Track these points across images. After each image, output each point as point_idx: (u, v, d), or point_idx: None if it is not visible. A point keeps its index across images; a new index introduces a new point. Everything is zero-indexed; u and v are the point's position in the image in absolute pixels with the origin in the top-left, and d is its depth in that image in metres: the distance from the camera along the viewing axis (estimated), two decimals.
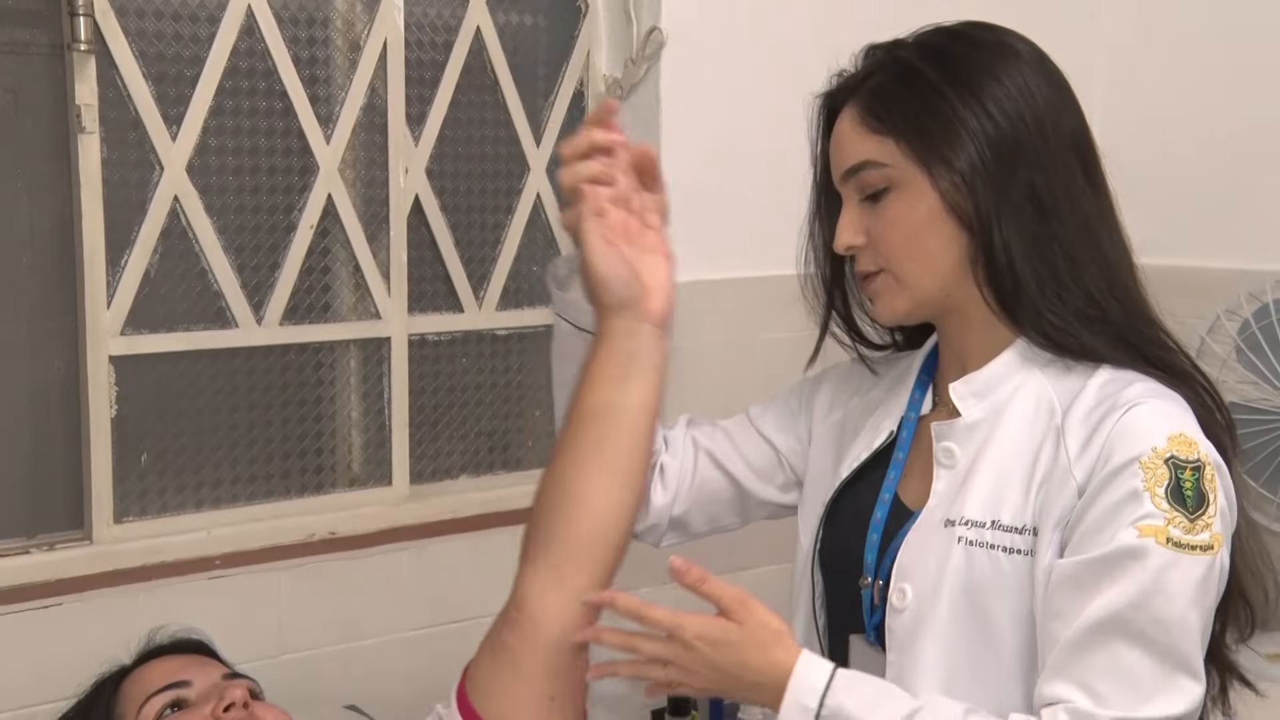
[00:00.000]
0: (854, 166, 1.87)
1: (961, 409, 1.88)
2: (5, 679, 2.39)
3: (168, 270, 2.61)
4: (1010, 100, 1.82)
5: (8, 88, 2.43)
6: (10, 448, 2.48)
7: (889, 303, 1.90)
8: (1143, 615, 1.66)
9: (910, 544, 1.87)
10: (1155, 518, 1.67)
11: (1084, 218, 1.83)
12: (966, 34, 1.90)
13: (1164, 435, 1.70)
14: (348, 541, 2.78)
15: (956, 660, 1.81)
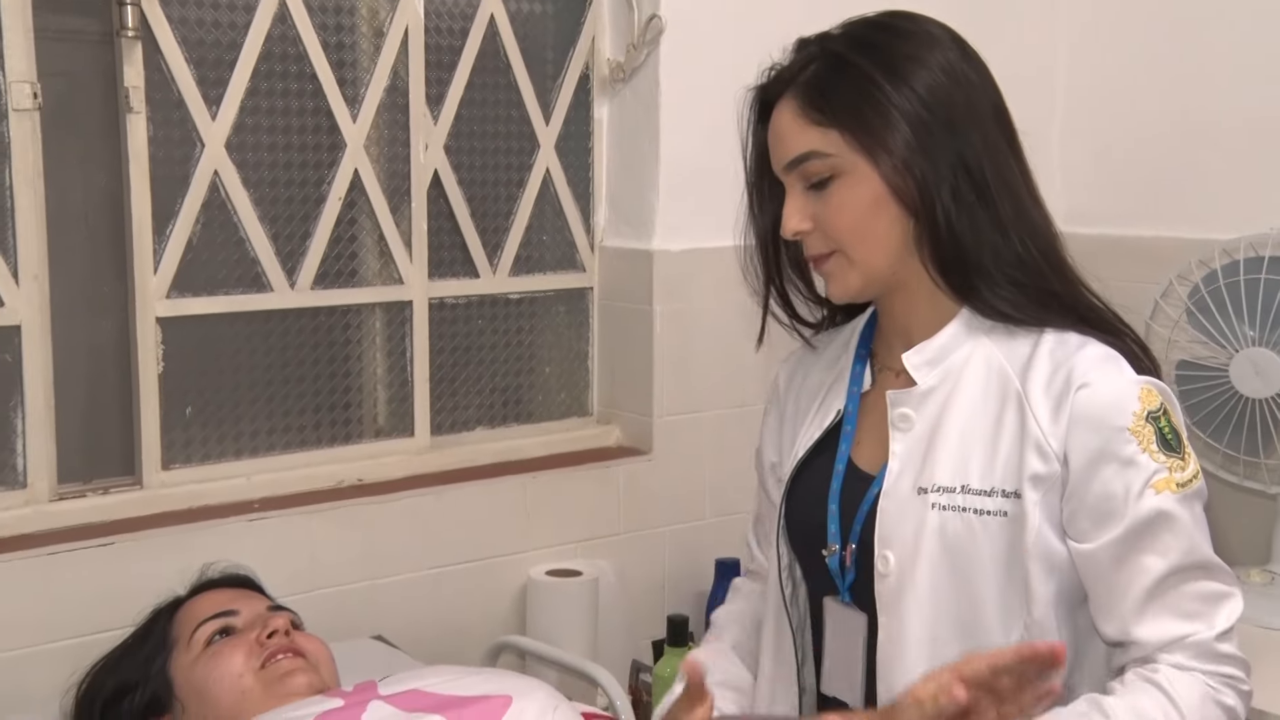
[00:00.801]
0: (798, 158, 1.85)
1: (917, 377, 1.87)
2: (69, 610, 2.41)
3: (208, 239, 2.64)
4: (937, 83, 1.82)
5: (62, 72, 2.45)
6: (68, 401, 2.50)
7: (842, 282, 1.89)
8: (1188, 557, 1.72)
9: (886, 512, 1.87)
10: (1161, 472, 1.72)
11: (1013, 187, 1.84)
12: (890, 24, 1.89)
13: (1134, 397, 1.74)
14: (373, 488, 2.81)
15: (940, 617, 1.83)
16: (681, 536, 3.12)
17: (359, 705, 1.90)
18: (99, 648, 2.29)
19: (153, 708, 2.14)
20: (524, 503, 2.94)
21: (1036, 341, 1.82)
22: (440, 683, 2.01)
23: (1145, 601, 1.74)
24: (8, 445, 2.45)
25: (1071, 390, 1.76)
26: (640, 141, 3.02)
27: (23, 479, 2.45)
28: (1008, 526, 1.78)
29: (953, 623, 1.81)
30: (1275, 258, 2.80)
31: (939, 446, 1.83)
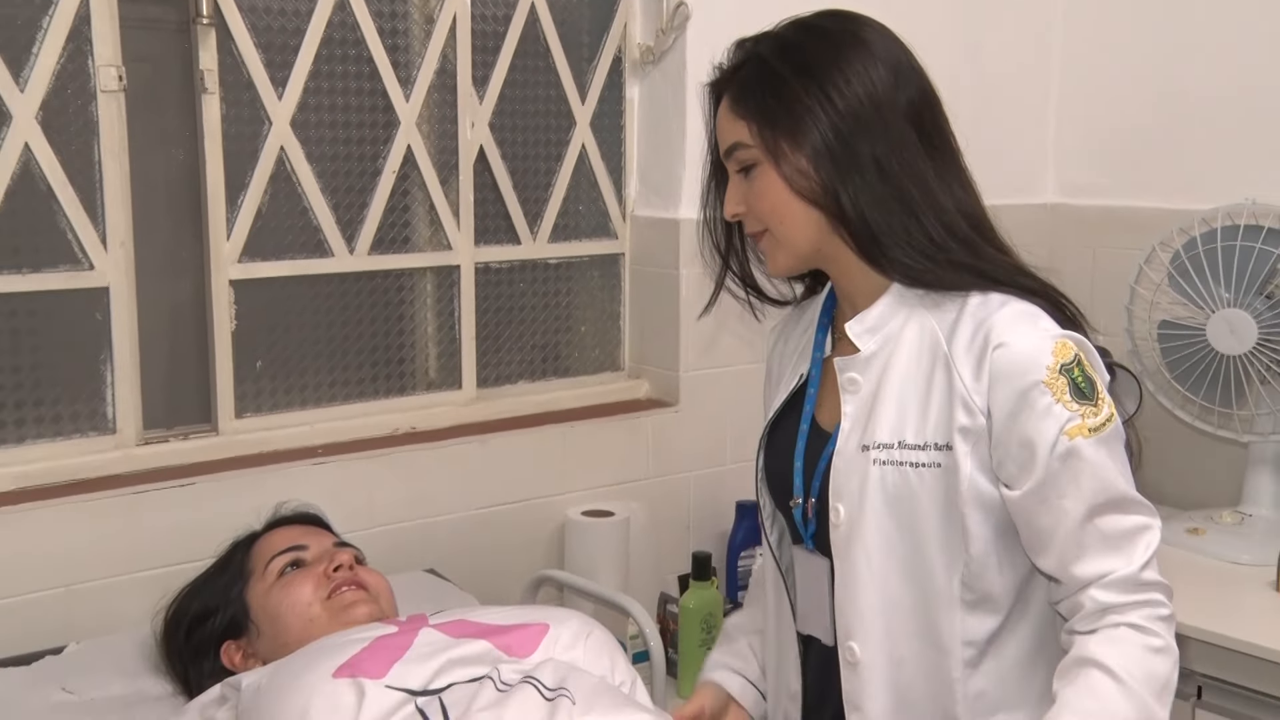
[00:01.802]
0: (729, 147, 1.91)
1: (859, 345, 1.90)
2: (155, 543, 2.45)
3: (276, 208, 2.66)
4: (850, 86, 1.83)
5: (144, 57, 2.47)
6: (152, 355, 2.53)
7: (773, 258, 1.94)
8: (1104, 495, 1.76)
9: (837, 469, 1.90)
10: (1074, 419, 1.75)
11: (921, 178, 1.85)
12: (817, 25, 1.91)
13: (1048, 352, 1.77)
14: (425, 435, 2.84)
15: (888, 560, 1.87)
16: (704, 480, 3.15)
17: (411, 632, 1.93)
18: (182, 577, 2.32)
19: (231, 630, 2.17)
20: (561, 450, 2.97)
21: (962, 305, 1.85)
22: (484, 614, 2.04)
23: (1069, 540, 1.78)
24: (98, 395, 2.47)
25: (989, 349, 1.79)
26: (668, 119, 3.04)
27: (112, 425, 2.48)
28: (942, 476, 1.82)
29: (899, 564, 1.86)
30: (1249, 226, 2.83)
31: (879, 407, 1.87)
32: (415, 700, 1.79)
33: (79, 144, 2.41)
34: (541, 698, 1.77)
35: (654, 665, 2.52)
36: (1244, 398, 2.90)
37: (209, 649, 2.17)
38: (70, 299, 2.44)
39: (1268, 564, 2.77)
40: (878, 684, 1.87)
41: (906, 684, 1.86)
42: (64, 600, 2.40)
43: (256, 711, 1.82)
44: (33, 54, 2.33)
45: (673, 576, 3.01)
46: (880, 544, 1.87)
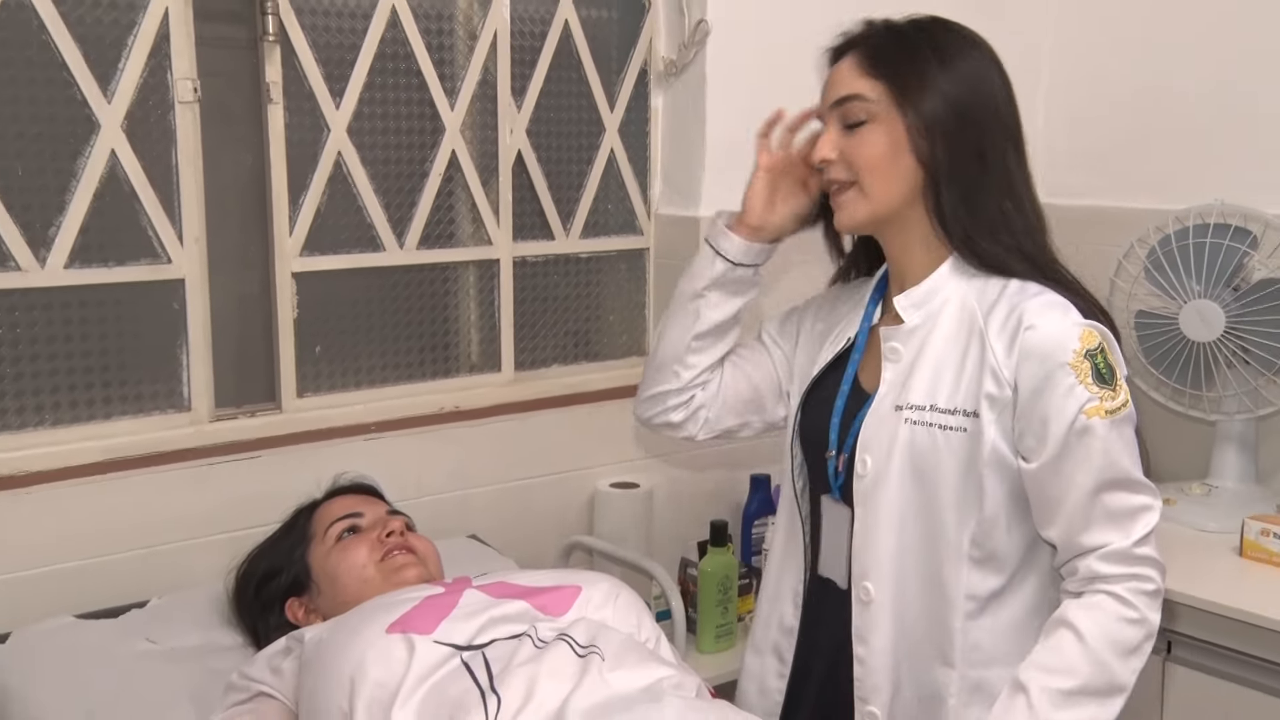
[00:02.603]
0: (842, 98, 1.90)
1: (904, 317, 1.93)
2: (226, 509, 2.51)
3: (333, 207, 2.67)
4: (974, 77, 1.88)
5: (218, 72, 2.49)
6: (223, 340, 2.56)
7: (851, 211, 1.93)
8: (1111, 472, 1.80)
9: (868, 425, 1.93)
10: (1093, 400, 1.78)
11: (1010, 179, 1.89)
12: (947, 23, 1.94)
13: (1075, 338, 1.80)
14: (467, 414, 2.85)
15: (905, 510, 1.91)
16: (721, 455, 3.17)
17: (457, 592, 1.97)
18: (250, 540, 2.35)
19: (294, 588, 2.20)
20: (591, 427, 3.02)
21: (1003, 287, 1.88)
22: (522, 577, 2.08)
23: (1075, 512, 1.82)
24: (175, 376, 2.51)
25: (1021, 329, 1.82)
26: (689, 126, 3.06)
27: (187, 403, 2.52)
28: (966, 440, 1.85)
29: (915, 516, 1.90)
30: (1218, 224, 2.87)
31: (916, 373, 1.90)
32: (461, 655, 1.81)
33: (158, 150, 2.44)
34: (574, 654, 1.80)
35: (675, 623, 2.57)
36: (1212, 381, 2.93)
37: (275, 605, 2.20)
38: (150, 290, 2.47)
39: (1232, 531, 2.83)
40: (886, 622, 1.92)
41: (910, 626, 1.92)
42: (146, 560, 2.45)
43: (318, 662, 1.85)
44: (119, 69, 2.36)
45: (692, 543, 3.02)
46: (900, 496, 1.91)
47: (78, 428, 2.42)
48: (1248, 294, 2.84)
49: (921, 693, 1.95)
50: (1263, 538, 2.71)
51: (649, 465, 3.10)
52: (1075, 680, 1.78)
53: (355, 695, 1.75)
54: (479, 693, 1.73)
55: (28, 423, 2.38)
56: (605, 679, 1.75)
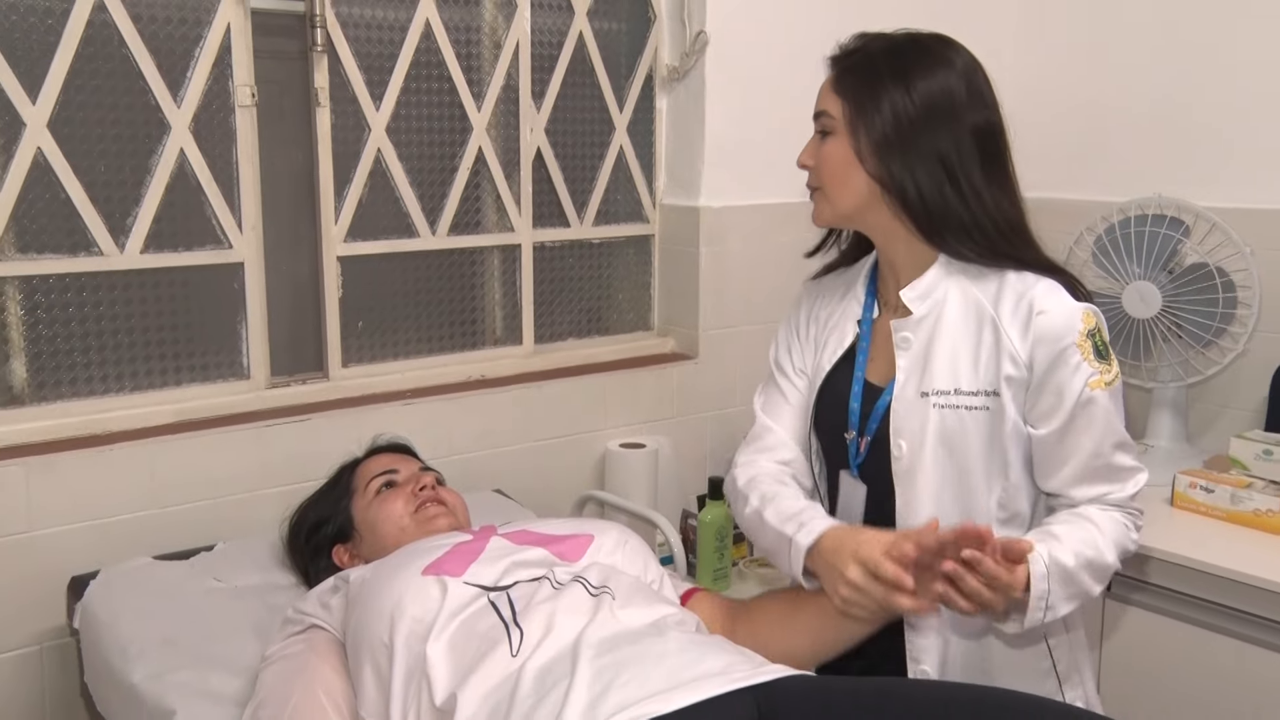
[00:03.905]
0: (817, 112, 1.91)
1: (912, 308, 1.90)
2: (280, 466, 2.55)
3: (374, 199, 2.70)
4: (930, 93, 1.83)
5: (272, 79, 2.53)
6: (277, 317, 2.60)
7: (819, 210, 1.94)
8: (1110, 436, 1.83)
9: (898, 412, 1.89)
10: (1095, 374, 1.81)
11: (975, 182, 1.84)
12: (921, 40, 1.90)
13: (1079, 319, 1.81)
14: (492, 382, 2.88)
15: (942, 487, 1.89)
16: (719, 419, 3.21)
17: (484, 539, 1.97)
18: (301, 493, 2.35)
19: (340, 536, 2.20)
20: (603, 394, 3.03)
21: (1001, 279, 1.86)
22: (541, 525, 2.09)
23: (1079, 469, 1.85)
24: (235, 349, 2.55)
25: (1033, 315, 1.81)
26: (690, 125, 3.08)
27: (246, 372, 2.56)
28: (989, 418, 1.85)
29: (951, 488, 1.89)
30: (1156, 215, 2.90)
31: (933, 361, 1.88)
32: (488, 595, 1.81)
33: (221, 149, 2.47)
34: (588, 593, 1.81)
35: (677, 567, 2.60)
36: (1150, 353, 2.95)
37: (323, 550, 2.21)
38: (214, 272, 2.51)
39: (1165, 484, 2.84)
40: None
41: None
42: (212, 509, 2.49)
43: (362, 599, 1.87)
44: (187, 78, 2.40)
45: (693, 496, 3.06)
46: (936, 473, 1.89)
47: (152, 393, 2.47)
48: (1181, 276, 2.86)
49: (969, 642, 1.96)
50: (1191, 490, 2.75)
51: (655, 428, 3.12)
52: (1092, 553, 1.81)
53: (395, 629, 1.76)
54: (504, 626, 1.74)
55: (110, 389, 2.42)
56: (616, 615, 1.77)
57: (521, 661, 1.67)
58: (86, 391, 2.39)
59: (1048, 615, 1.79)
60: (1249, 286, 2.81)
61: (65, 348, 2.36)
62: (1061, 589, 1.79)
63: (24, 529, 2.30)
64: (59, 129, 2.29)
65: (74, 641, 2.26)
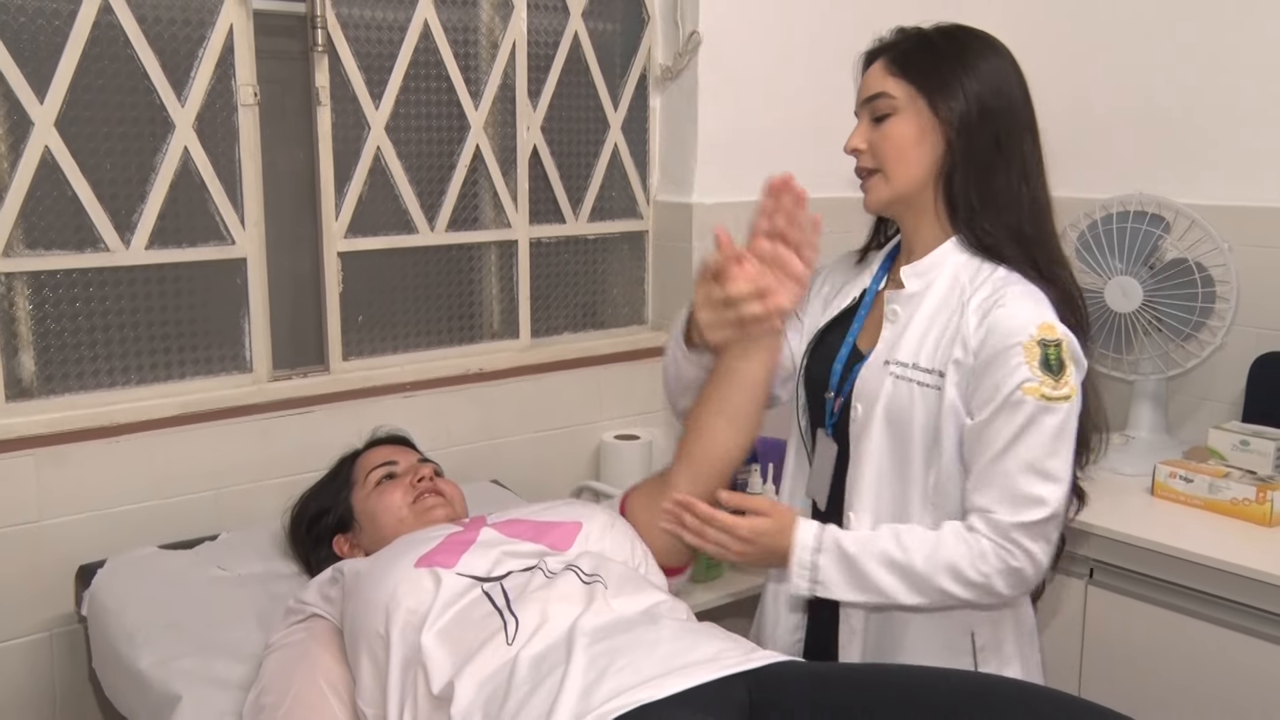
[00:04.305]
0: (871, 95, 1.91)
1: (906, 283, 1.93)
2: (283, 457, 2.56)
3: (373, 196, 2.69)
4: (994, 77, 1.87)
5: (274, 79, 2.52)
6: (279, 311, 2.59)
7: (876, 193, 1.93)
8: (1024, 450, 1.77)
9: (863, 376, 1.93)
10: (1033, 381, 1.77)
11: (1026, 167, 1.89)
12: (972, 31, 1.94)
13: (1035, 325, 1.79)
14: (490, 375, 2.88)
15: (884, 456, 1.92)
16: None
17: (475, 530, 1.98)
18: (303, 484, 2.37)
19: (340, 526, 2.21)
20: (598, 387, 3.05)
21: (992, 272, 1.87)
22: (531, 513, 2.08)
23: (983, 470, 1.81)
24: (238, 342, 2.54)
25: (994, 307, 1.82)
26: (683, 124, 3.09)
27: (249, 366, 2.56)
28: (935, 397, 1.86)
29: (891, 458, 1.91)
30: (1137, 212, 2.91)
31: (906, 335, 1.91)
32: (481, 585, 1.82)
33: (224, 147, 2.47)
34: (581, 582, 1.82)
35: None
36: (1131, 346, 2.96)
37: (324, 540, 2.22)
38: (217, 268, 2.50)
39: (1145, 474, 2.86)
40: None
41: None
42: (215, 500, 2.51)
43: (357, 592, 1.87)
44: (190, 77, 2.40)
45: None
46: (880, 440, 1.91)
47: (157, 386, 2.47)
48: (1161, 271, 2.87)
49: (886, 619, 1.98)
50: (1171, 479, 2.76)
51: (648, 420, 3.14)
52: (899, 555, 1.82)
53: (391, 621, 1.77)
54: (499, 616, 1.75)
55: (116, 382, 2.42)
56: (609, 604, 1.78)
57: (517, 650, 1.68)
58: (93, 384, 2.40)
59: (817, 589, 1.86)
60: (1227, 281, 2.82)
61: (73, 342, 2.37)
62: (838, 571, 1.85)
63: (33, 518, 2.31)
64: (66, 128, 2.29)
65: (82, 628, 2.28)
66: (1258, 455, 2.75)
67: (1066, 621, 2.74)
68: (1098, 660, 2.71)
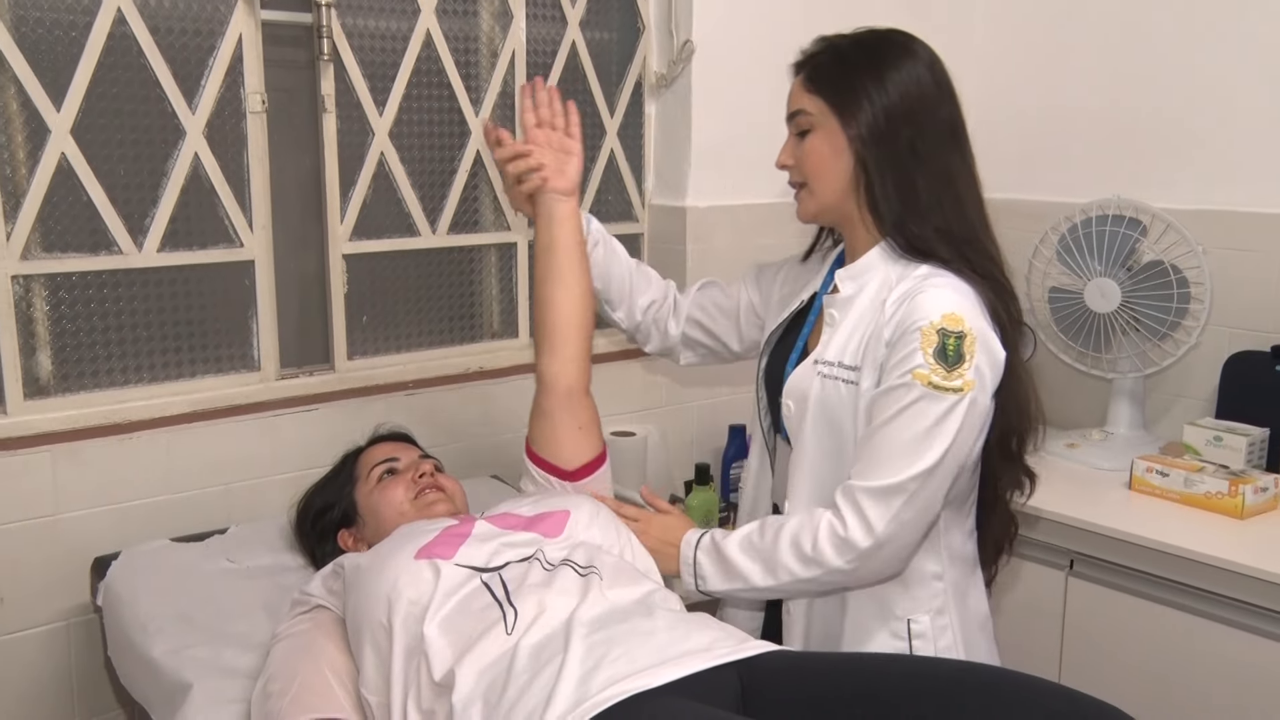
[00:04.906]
0: (793, 112, 1.94)
1: (841, 289, 1.95)
2: (289, 453, 2.57)
3: (377, 199, 2.69)
4: (905, 84, 1.85)
5: (281, 87, 2.53)
6: (286, 311, 2.60)
7: (805, 205, 1.97)
8: (897, 430, 1.78)
9: (795, 375, 1.96)
10: (923, 367, 1.76)
11: (948, 169, 1.87)
12: (886, 35, 1.92)
13: (939, 313, 1.78)
14: (490, 373, 2.87)
15: (819, 447, 1.93)
16: (704, 409, 3.23)
17: (470, 523, 1.97)
18: (309, 479, 2.37)
19: (344, 521, 2.21)
20: (596, 384, 2.85)
21: (916, 269, 1.87)
22: (522, 505, 2.08)
23: (860, 443, 1.84)
24: (247, 342, 2.55)
25: (908, 298, 1.82)
26: (677, 130, 3.09)
27: (257, 364, 2.56)
28: (855, 391, 1.87)
29: (826, 453, 1.93)
30: (1115, 215, 2.92)
31: (837, 335, 1.92)
32: (480, 575, 1.81)
33: (233, 153, 2.48)
34: (577, 574, 1.83)
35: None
36: (1110, 345, 2.98)
37: (329, 535, 2.22)
38: (226, 270, 2.51)
39: (1123, 469, 2.88)
40: None
41: None
42: (225, 494, 2.51)
43: (358, 584, 1.88)
44: (201, 85, 2.41)
45: (680, 481, 3.07)
46: (815, 436, 1.93)
47: (169, 384, 2.47)
48: (1139, 273, 2.89)
49: (832, 601, 2.00)
50: (1148, 474, 2.77)
51: (645, 417, 3.14)
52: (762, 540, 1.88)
53: (393, 611, 1.77)
54: (499, 606, 1.75)
55: (129, 380, 2.43)
56: (605, 595, 1.78)
57: (517, 639, 1.69)
58: (108, 383, 2.41)
59: (700, 584, 1.94)
60: (1201, 283, 2.84)
61: (88, 341, 2.38)
62: (711, 562, 1.93)
63: (50, 512, 2.33)
64: (81, 135, 2.30)
65: (98, 618, 2.29)
66: (1230, 450, 2.78)
67: (1047, 612, 2.75)
68: (1077, 648, 2.73)
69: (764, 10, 3.06)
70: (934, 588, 1.95)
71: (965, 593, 2.00)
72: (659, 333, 2.36)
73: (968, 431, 1.81)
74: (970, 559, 2.03)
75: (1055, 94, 3.41)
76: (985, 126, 3.47)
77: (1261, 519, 2.64)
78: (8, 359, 2.28)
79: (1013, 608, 2.80)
